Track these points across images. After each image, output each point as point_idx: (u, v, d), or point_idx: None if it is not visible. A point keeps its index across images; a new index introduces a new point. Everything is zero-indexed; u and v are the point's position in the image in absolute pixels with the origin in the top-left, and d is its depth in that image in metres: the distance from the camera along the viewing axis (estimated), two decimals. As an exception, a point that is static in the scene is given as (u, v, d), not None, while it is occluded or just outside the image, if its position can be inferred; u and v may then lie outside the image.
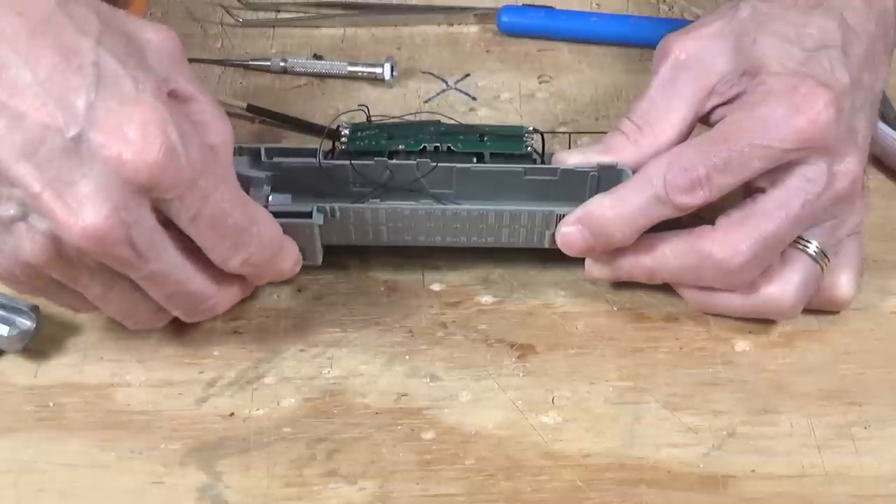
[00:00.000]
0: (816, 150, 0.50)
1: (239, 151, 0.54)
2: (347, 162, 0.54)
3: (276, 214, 0.50)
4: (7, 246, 0.46)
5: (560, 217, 0.53)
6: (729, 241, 0.50)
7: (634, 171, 0.52)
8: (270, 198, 0.54)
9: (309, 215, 0.52)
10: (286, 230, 0.51)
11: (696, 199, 0.50)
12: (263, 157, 0.54)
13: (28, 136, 0.43)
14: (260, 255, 0.49)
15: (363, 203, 0.54)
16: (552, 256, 0.55)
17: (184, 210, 0.45)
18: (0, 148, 0.43)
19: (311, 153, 0.55)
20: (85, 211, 0.43)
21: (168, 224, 0.46)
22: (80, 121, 0.43)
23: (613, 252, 0.53)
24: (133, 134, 0.43)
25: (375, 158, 0.54)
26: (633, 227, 0.52)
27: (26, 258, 0.45)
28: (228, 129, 0.50)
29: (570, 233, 0.53)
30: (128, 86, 0.44)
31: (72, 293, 0.49)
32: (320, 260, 0.55)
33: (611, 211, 0.52)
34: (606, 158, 0.53)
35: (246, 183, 0.52)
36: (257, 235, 0.48)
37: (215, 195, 0.46)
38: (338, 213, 0.53)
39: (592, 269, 0.55)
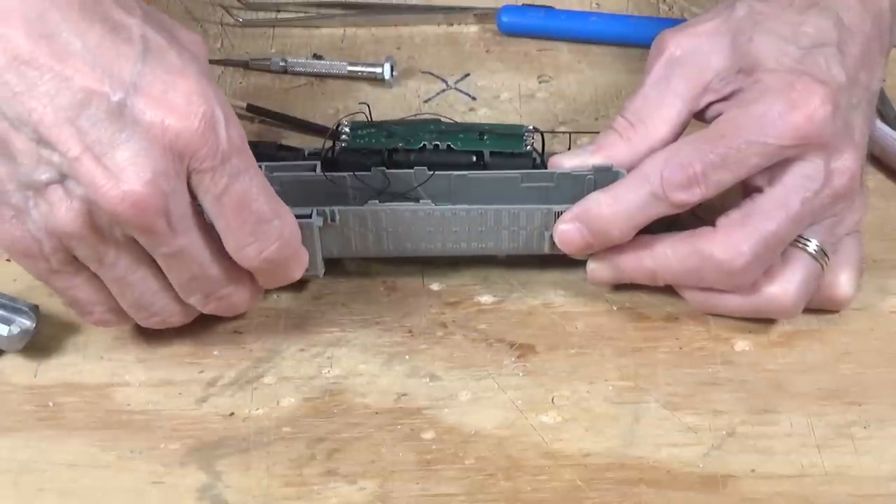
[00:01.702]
0: (813, 146, 0.50)
1: None
2: (347, 174, 0.54)
3: None
4: (38, 212, 0.45)
5: (559, 215, 0.53)
6: (730, 242, 0.50)
7: (630, 171, 0.52)
8: None
9: (308, 217, 0.52)
10: None
11: (692, 195, 0.50)
12: (263, 172, 0.54)
13: (73, 100, 0.43)
14: (279, 252, 0.48)
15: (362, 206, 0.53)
16: (552, 256, 0.55)
17: (213, 186, 0.46)
18: (44, 111, 0.43)
19: (311, 167, 0.54)
20: (125, 176, 0.43)
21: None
22: (126, 86, 0.43)
23: (615, 253, 0.53)
24: (177, 101, 0.44)
25: (373, 168, 0.54)
26: (630, 225, 0.52)
27: (58, 224, 0.45)
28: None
29: (567, 230, 0.53)
30: (174, 58, 0.45)
31: (87, 280, 0.48)
32: (321, 272, 0.55)
33: (608, 208, 0.52)
34: (600, 159, 0.53)
35: None
36: (279, 228, 0.48)
37: (245, 176, 0.46)
38: (337, 217, 0.53)
39: (594, 272, 0.55)
